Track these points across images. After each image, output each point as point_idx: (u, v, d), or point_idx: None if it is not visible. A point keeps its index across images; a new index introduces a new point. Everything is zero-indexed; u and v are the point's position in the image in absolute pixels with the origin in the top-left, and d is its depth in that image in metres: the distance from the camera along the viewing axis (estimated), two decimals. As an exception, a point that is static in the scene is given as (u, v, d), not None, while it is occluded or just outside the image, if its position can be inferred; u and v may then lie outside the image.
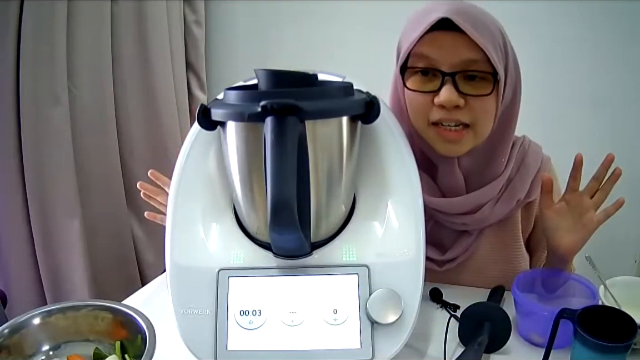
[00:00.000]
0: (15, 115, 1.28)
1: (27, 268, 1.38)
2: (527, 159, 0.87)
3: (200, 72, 1.84)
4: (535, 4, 1.42)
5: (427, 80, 0.76)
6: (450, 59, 0.73)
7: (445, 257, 0.88)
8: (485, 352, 0.70)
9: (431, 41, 0.73)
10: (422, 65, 0.75)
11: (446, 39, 0.72)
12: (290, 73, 0.59)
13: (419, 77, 0.76)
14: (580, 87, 1.51)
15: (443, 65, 0.73)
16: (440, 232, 0.88)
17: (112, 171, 1.55)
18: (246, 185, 0.63)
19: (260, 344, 0.62)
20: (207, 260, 0.66)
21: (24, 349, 0.65)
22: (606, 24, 1.44)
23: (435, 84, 0.75)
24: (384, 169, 0.68)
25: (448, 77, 0.73)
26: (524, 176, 0.85)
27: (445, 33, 0.72)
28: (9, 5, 1.21)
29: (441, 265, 0.88)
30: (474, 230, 0.87)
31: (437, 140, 0.78)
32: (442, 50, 0.73)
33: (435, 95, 0.74)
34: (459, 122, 0.75)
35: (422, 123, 0.79)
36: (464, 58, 0.72)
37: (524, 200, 0.86)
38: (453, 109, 0.74)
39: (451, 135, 0.76)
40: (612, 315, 0.64)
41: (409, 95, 0.78)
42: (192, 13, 1.77)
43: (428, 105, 0.76)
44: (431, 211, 0.85)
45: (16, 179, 1.31)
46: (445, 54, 0.73)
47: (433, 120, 0.76)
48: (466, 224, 0.85)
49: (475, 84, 0.74)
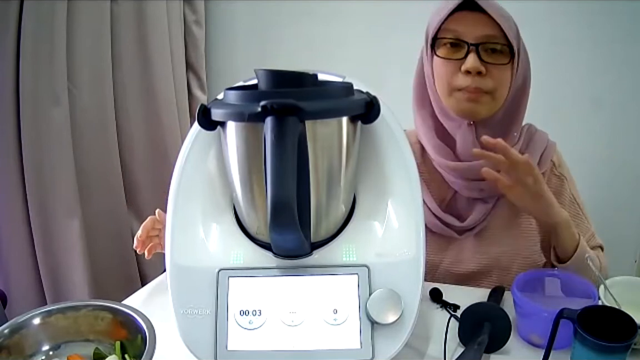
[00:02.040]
0: (15, 115, 1.28)
1: (27, 268, 1.38)
2: (534, 137, 0.97)
3: (200, 72, 1.84)
4: (535, 4, 1.42)
5: (455, 50, 0.87)
6: (474, 33, 0.85)
7: (464, 224, 0.95)
8: (485, 352, 0.70)
9: (458, 18, 0.86)
10: (450, 36, 0.87)
11: (471, 17, 0.85)
12: (291, 73, 0.59)
13: (448, 48, 0.88)
14: (580, 87, 1.51)
15: (468, 38, 0.85)
16: (459, 202, 0.96)
17: (112, 171, 1.55)
18: (246, 185, 0.63)
19: (260, 344, 0.62)
20: (207, 260, 0.66)
21: (24, 349, 0.65)
22: (606, 24, 1.44)
23: (461, 53, 0.86)
24: (384, 169, 0.68)
25: (472, 47, 0.85)
26: (533, 150, 0.95)
27: (470, 12, 0.85)
28: (9, 5, 1.21)
29: (460, 234, 0.96)
30: (490, 199, 0.94)
31: (458, 103, 0.88)
32: (467, 25, 0.85)
33: (461, 64, 0.86)
34: (480, 90, 0.86)
35: (447, 89, 0.89)
36: (486, 33, 0.85)
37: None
38: (476, 76, 0.85)
39: (471, 95, 0.87)
40: (612, 315, 0.64)
41: (438, 64, 0.89)
42: (192, 13, 1.77)
43: (454, 72, 0.87)
44: (450, 179, 0.95)
45: (16, 179, 1.31)
46: (470, 29, 0.85)
47: (458, 86, 0.87)
48: (483, 189, 0.93)
49: (495, 56, 0.86)
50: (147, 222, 0.90)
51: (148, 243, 0.90)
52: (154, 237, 0.90)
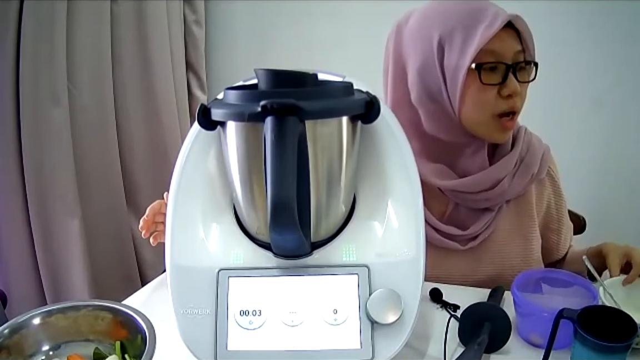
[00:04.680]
0: (15, 115, 1.28)
1: (27, 268, 1.38)
2: (532, 140, 0.94)
3: (200, 72, 1.84)
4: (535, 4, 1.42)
5: (493, 73, 0.81)
6: (510, 52, 0.80)
7: (468, 232, 0.90)
8: (485, 352, 0.70)
9: (496, 38, 0.78)
10: (493, 59, 0.80)
11: (504, 35, 0.79)
12: (291, 73, 0.59)
13: (487, 72, 0.80)
14: (580, 87, 1.51)
15: (506, 59, 0.80)
16: (461, 213, 0.92)
17: (112, 171, 1.55)
18: (246, 185, 0.63)
19: (260, 344, 0.62)
20: (207, 260, 0.66)
21: (24, 349, 0.65)
22: (606, 24, 1.44)
23: (499, 76, 0.81)
24: (384, 169, 0.68)
25: (510, 68, 0.80)
26: (533, 154, 0.92)
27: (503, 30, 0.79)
28: (9, 5, 1.21)
29: (464, 244, 0.91)
30: (494, 206, 0.91)
31: (495, 131, 0.84)
32: (504, 45, 0.80)
33: (500, 88, 0.81)
34: (516, 110, 0.83)
35: (483, 116, 0.83)
36: (516, 49, 0.81)
37: (537, 175, 0.92)
38: (515, 97, 0.81)
39: (510, 124, 0.84)
40: (612, 315, 0.64)
41: (476, 90, 0.81)
42: (192, 13, 1.77)
43: (495, 97, 0.81)
44: (452, 194, 0.91)
45: (16, 179, 1.32)
46: (507, 48, 0.80)
47: (500, 111, 0.82)
48: (488, 199, 0.89)
49: (524, 74, 0.82)
50: (154, 204, 0.86)
51: (153, 228, 0.87)
52: (159, 224, 0.87)
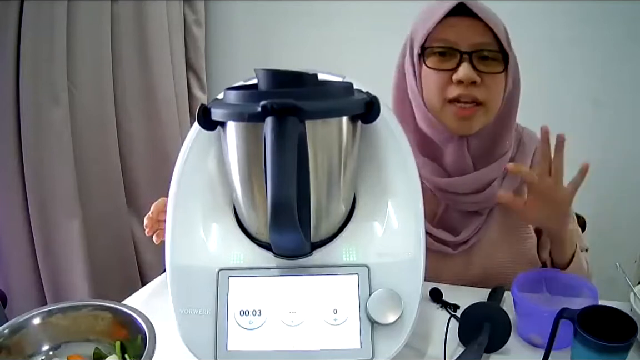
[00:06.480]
0: (15, 115, 1.28)
1: (27, 268, 1.38)
2: (523, 138, 0.93)
3: (200, 72, 1.84)
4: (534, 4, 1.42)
5: (445, 60, 0.82)
6: (467, 40, 0.80)
7: (459, 238, 0.90)
8: (485, 352, 0.70)
9: (449, 25, 0.80)
10: (441, 45, 0.81)
11: (462, 23, 0.80)
12: (290, 73, 0.59)
13: (437, 57, 0.82)
14: (580, 87, 1.51)
15: (460, 46, 0.80)
16: (452, 216, 0.92)
17: (112, 171, 1.55)
18: (246, 185, 0.63)
19: (260, 344, 0.62)
20: (207, 260, 0.66)
21: (24, 349, 0.65)
22: (606, 24, 1.44)
23: (452, 62, 0.81)
24: (384, 169, 0.68)
25: (465, 56, 0.80)
26: (524, 154, 0.92)
27: (461, 18, 0.80)
28: (9, 5, 1.21)
29: (455, 248, 0.91)
30: (484, 210, 0.91)
31: (452, 118, 0.83)
32: (459, 32, 0.80)
33: (452, 73, 0.80)
34: (474, 100, 0.81)
35: (438, 101, 0.83)
36: (478, 40, 0.80)
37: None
38: (469, 86, 0.80)
39: (465, 112, 0.82)
40: (612, 315, 0.64)
41: (427, 75, 0.83)
42: (192, 13, 1.77)
43: (446, 83, 0.82)
44: (442, 195, 0.90)
45: (16, 179, 1.31)
46: (462, 36, 0.80)
47: (450, 97, 0.82)
48: (477, 202, 0.89)
49: (489, 64, 0.81)
50: (159, 201, 0.85)
51: (156, 227, 0.86)
52: (162, 222, 0.85)
